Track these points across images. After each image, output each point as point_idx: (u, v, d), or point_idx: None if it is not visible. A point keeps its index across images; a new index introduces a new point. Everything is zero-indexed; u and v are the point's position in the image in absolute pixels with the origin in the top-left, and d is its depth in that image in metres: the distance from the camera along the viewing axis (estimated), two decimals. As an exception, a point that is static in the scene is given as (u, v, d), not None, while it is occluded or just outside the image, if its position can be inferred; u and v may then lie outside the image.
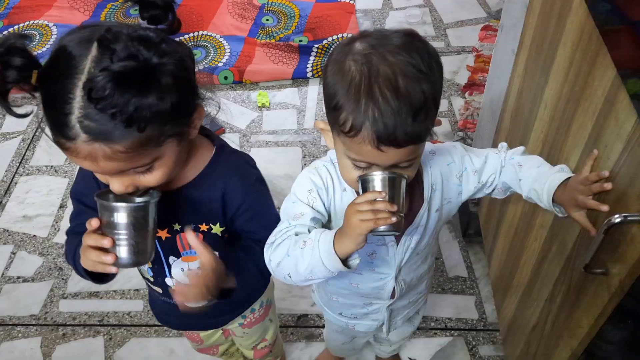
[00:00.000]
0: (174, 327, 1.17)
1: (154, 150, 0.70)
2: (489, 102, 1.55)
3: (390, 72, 0.68)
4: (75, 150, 0.66)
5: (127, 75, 0.62)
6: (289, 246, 0.80)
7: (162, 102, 0.66)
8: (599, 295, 0.83)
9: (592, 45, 0.86)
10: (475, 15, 2.58)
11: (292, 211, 0.84)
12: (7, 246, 1.85)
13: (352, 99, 0.68)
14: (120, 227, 0.74)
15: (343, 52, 0.72)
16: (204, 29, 2.54)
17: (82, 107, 0.63)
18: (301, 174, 0.87)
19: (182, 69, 0.69)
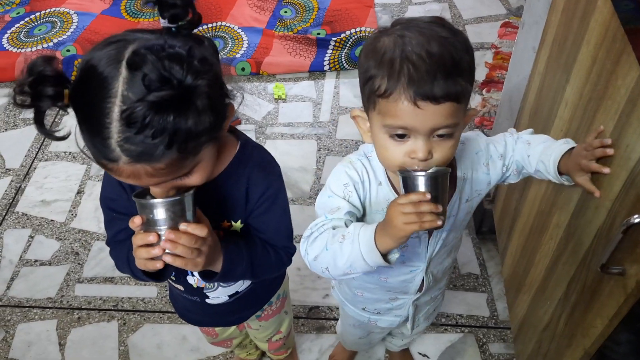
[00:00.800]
0: (196, 323, 1.17)
1: (193, 160, 0.71)
2: (507, 99, 1.54)
3: (423, 38, 0.71)
4: (118, 171, 0.67)
5: (164, 102, 0.63)
6: (327, 240, 0.79)
7: (200, 123, 0.66)
8: (614, 296, 0.83)
9: (616, 44, 0.85)
10: (495, 11, 2.55)
11: (328, 205, 0.84)
12: (26, 230, 1.88)
13: (386, 63, 0.70)
14: (160, 222, 0.75)
15: (375, 37, 0.75)
16: (223, 20, 2.55)
17: (120, 131, 0.63)
18: (336, 169, 0.87)
19: (214, 82, 0.69)
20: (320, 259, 0.80)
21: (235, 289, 1.00)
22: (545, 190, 1.16)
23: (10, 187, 2.01)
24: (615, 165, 0.83)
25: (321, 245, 0.80)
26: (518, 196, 1.37)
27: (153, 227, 0.75)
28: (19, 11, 2.65)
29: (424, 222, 0.71)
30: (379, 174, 0.86)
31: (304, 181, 1.97)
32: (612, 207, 0.85)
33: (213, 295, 1.00)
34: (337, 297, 1.16)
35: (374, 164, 0.87)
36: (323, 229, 0.81)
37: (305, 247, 0.83)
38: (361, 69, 0.76)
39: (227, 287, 0.99)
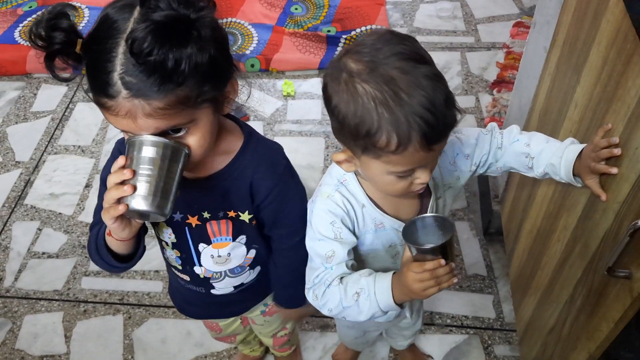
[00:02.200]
0: (196, 316, 1.18)
1: (191, 112, 0.70)
2: (517, 99, 1.53)
3: (404, 73, 0.69)
4: (116, 109, 0.67)
5: (167, 25, 0.63)
6: (340, 297, 0.83)
7: (201, 53, 0.66)
8: (621, 299, 0.82)
9: (627, 45, 0.84)
10: (507, 11, 2.53)
11: (321, 251, 0.85)
12: (34, 222, 1.90)
13: (387, 116, 0.69)
14: (145, 160, 0.70)
15: (343, 81, 0.72)
16: (233, 16, 2.55)
17: (123, 63, 0.65)
18: (316, 208, 0.85)
19: (218, 27, 0.71)
20: (340, 315, 0.85)
21: (241, 280, 1.01)
22: (553, 192, 1.15)
23: (20, 180, 2.03)
24: (624, 167, 0.82)
25: (335, 302, 0.83)
26: (526, 198, 1.35)
27: (137, 166, 0.70)
28: (31, 5, 2.67)
29: (441, 285, 0.77)
30: (360, 198, 0.86)
31: (311, 179, 1.96)
32: (619, 209, 0.84)
33: (219, 285, 1.00)
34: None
35: (351, 188, 0.86)
36: (327, 281, 0.84)
37: (316, 301, 0.86)
38: (346, 119, 0.72)
39: (234, 277, 1.00)
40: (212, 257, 0.94)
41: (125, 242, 0.81)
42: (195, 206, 0.87)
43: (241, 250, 0.95)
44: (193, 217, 0.88)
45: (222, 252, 0.93)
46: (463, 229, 1.79)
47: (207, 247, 0.92)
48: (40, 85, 2.36)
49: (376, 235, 0.88)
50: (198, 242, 0.92)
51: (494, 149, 0.92)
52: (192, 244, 0.92)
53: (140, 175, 0.71)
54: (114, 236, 0.80)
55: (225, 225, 0.90)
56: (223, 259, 0.94)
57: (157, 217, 0.75)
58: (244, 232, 0.92)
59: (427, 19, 2.53)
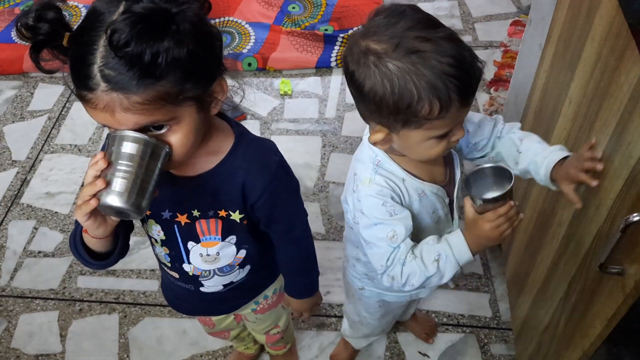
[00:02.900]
0: (187, 312, 1.18)
1: (172, 109, 0.69)
2: (513, 97, 1.52)
3: (426, 41, 0.73)
4: (95, 102, 0.66)
5: (146, 17, 0.63)
6: (420, 270, 0.87)
7: (179, 47, 0.65)
8: (613, 296, 0.82)
9: (620, 40, 0.83)
10: (505, 9, 2.53)
11: (382, 234, 0.88)
12: (30, 221, 1.90)
13: (424, 84, 0.73)
14: (123, 156, 0.69)
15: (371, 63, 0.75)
16: (230, 15, 2.55)
17: (104, 56, 0.64)
18: (364, 197, 0.88)
19: (203, 23, 0.70)
20: (419, 284, 0.89)
21: (231, 278, 1.00)
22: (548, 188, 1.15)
23: (16, 179, 2.03)
24: (616, 163, 0.82)
25: (416, 275, 0.88)
26: (522, 195, 1.35)
27: (115, 161, 0.69)
28: (28, 4, 2.67)
29: (514, 225, 0.84)
30: (398, 173, 0.89)
31: (308, 177, 1.96)
32: (612, 205, 0.83)
33: (208, 283, 1.00)
34: (371, 295, 1.17)
35: (387, 167, 0.90)
36: (402, 259, 0.88)
37: (393, 282, 0.90)
38: (383, 98, 0.75)
39: (223, 276, 0.99)
40: (201, 255, 0.93)
41: (102, 240, 0.80)
42: (185, 205, 0.87)
43: (230, 250, 0.94)
44: (182, 215, 0.88)
45: (211, 251, 0.93)
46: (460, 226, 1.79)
47: (196, 245, 0.92)
48: (37, 84, 2.36)
49: (421, 204, 0.92)
50: (187, 240, 0.92)
51: (494, 137, 0.96)
52: (181, 242, 0.92)
53: (117, 170, 0.69)
54: (89, 233, 0.79)
55: (214, 224, 0.89)
56: (212, 258, 0.94)
57: (132, 215, 0.73)
58: (234, 232, 0.91)
59: (425, 17, 2.52)
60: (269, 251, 1.01)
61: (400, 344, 1.55)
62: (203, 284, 0.99)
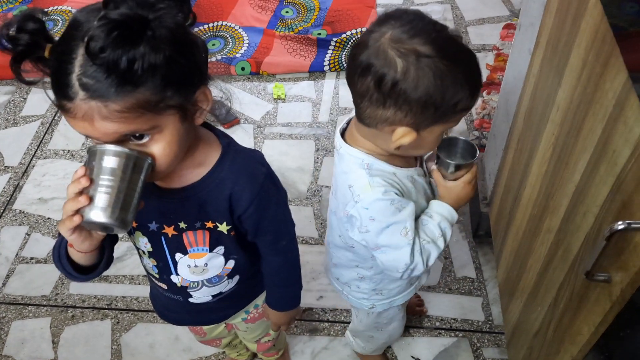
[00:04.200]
0: (176, 322, 1.17)
1: (153, 117, 0.69)
2: (504, 101, 1.52)
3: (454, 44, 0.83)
4: (74, 111, 0.66)
5: (122, 24, 0.63)
6: (436, 249, 0.96)
7: (155, 53, 0.65)
8: (600, 303, 0.82)
9: (605, 47, 0.83)
10: (497, 13, 2.54)
11: (396, 234, 0.91)
12: (22, 227, 1.89)
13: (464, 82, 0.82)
14: (105, 171, 0.68)
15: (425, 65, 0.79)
16: (224, 19, 2.55)
17: (82, 65, 0.64)
18: (370, 204, 0.90)
19: (182, 31, 0.69)
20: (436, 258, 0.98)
21: (219, 289, 1.00)
22: (537, 194, 1.15)
23: (9, 185, 2.02)
24: (602, 170, 0.82)
25: (434, 254, 0.96)
26: (512, 200, 1.35)
27: (97, 177, 0.68)
28: (21, 9, 2.67)
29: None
30: (387, 169, 0.92)
31: (301, 182, 1.96)
32: (599, 213, 0.83)
33: (197, 294, 0.99)
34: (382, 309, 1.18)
35: (377, 166, 0.92)
36: (418, 249, 0.93)
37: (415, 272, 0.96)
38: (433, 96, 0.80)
39: (212, 287, 0.99)
40: (189, 266, 0.93)
41: (87, 254, 0.79)
42: (172, 216, 0.86)
43: (219, 260, 0.94)
44: (169, 227, 0.87)
45: (199, 262, 0.92)
46: (452, 231, 1.78)
47: (184, 257, 0.92)
48: (30, 89, 2.36)
49: (415, 189, 0.97)
50: (174, 251, 0.91)
51: None
52: (168, 254, 0.91)
53: (99, 185, 0.69)
54: (75, 248, 0.78)
55: (202, 235, 0.89)
56: (200, 269, 0.94)
57: (117, 230, 0.73)
58: (221, 242, 0.91)
59: (418, 21, 2.52)
60: (258, 261, 1.01)
61: (393, 348, 1.55)
62: (192, 294, 0.99)
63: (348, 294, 1.18)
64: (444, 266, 1.71)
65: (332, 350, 1.56)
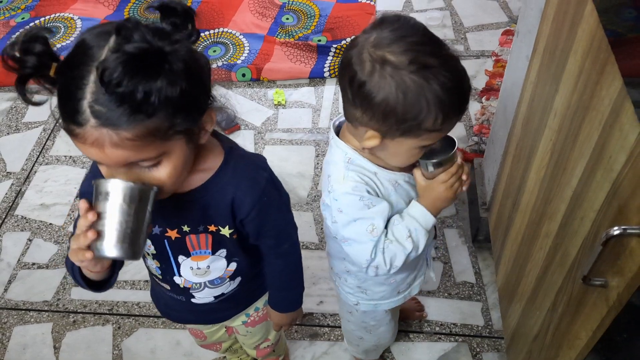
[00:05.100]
0: (177, 321, 1.19)
1: (162, 144, 0.70)
2: (502, 107, 1.54)
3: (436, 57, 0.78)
4: (84, 137, 0.66)
5: (139, 57, 0.63)
6: (401, 249, 0.93)
7: (171, 87, 0.65)
8: (598, 308, 0.82)
9: (601, 54, 0.85)
10: (496, 19, 2.55)
11: (361, 229, 0.91)
12: (24, 233, 1.90)
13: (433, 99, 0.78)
14: (112, 207, 0.70)
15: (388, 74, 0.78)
16: (225, 26, 2.57)
17: (93, 92, 0.64)
18: (340, 195, 0.90)
19: (194, 60, 0.70)
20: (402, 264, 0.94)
21: (222, 290, 1.01)
22: (535, 199, 1.16)
23: (11, 191, 2.03)
24: (598, 176, 0.83)
25: (399, 256, 0.93)
26: (511, 205, 1.36)
27: (104, 213, 0.70)
28: (24, 16, 2.69)
29: (463, 183, 0.93)
30: (369, 167, 0.92)
31: (301, 187, 1.97)
32: (595, 218, 0.84)
33: (199, 295, 1.01)
34: (367, 309, 1.18)
35: (358, 162, 0.92)
36: (382, 247, 0.92)
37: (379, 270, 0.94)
38: (395, 108, 0.78)
39: (214, 288, 1.00)
40: (192, 268, 0.94)
41: (99, 273, 0.80)
42: (175, 220, 0.87)
43: (221, 263, 0.95)
44: (172, 230, 0.88)
45: (202, 265, 0.94)
46: (452, 236, 1.80)
47: (187, 259, 0.93)
48: (32, 96, 2.36)
49: (397, 194, 0.95)
50: (177, 254, 0.92)
51: None
52: (171, 256, 0.93)
53: (108, 220, 0.70)
54: (86, 273, 0.80)
55: (204, 238, 0.90)
56: (202, 271, 0.95)
57: (128, 260, 0.74)
58: (223, 245, 0.92)
59: (417, 27, 2.54)
60: (260, 263, 1.02)
61: (393, 353, 1.56)
62: (194, 295, 1.01)
63: (338, 286, 1.19)
64: (444, 271, 1.72)
65: (332, 355, 1.56)
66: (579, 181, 0.92)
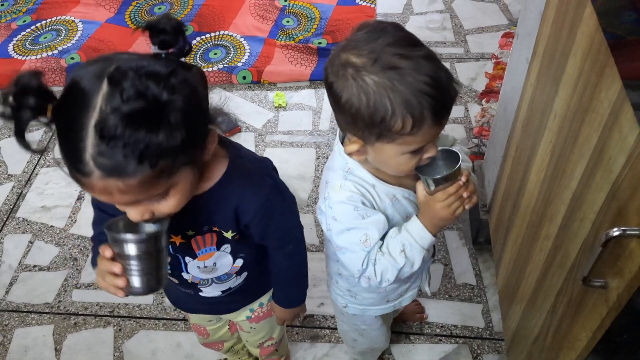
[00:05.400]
0: (188, 311, 1.23)
1: (168, 180, 0.71)
2: (502, 109, 1.54)
3: (404, 58, 0.75)
4: (91, 186, 0.67)
5: (137, 114, 0.63)
6: (391, 263, 0.90)
7: (171, 139, 0.65)
8: (598, 309, 0.83)
9: (600, 57, 0.85)
10: (496, 22, 2.56)
11: (355, 239, 0.90)
12: (26, 235, 1.90)
13: (399, 100, 0.74)
14: (131, 257, 0.76)
15: (349, 76, 0.76)
16: (225, 29, 2.57)
17: (95, 144, 0.63)
18: (335, 204, 0.90)
19: (192, 102, 0.69)
20: (394, 278, 0.92)
21: (228, 285, 1.03)
22: (535, 201, 1.16)
23: (12, 193, 2.04)
24: (598, 177, 0.83)
25: (389, 270, 0.91)
26: (511, 207, 1.36)
27: (123, 260, 0.76)
28: (25, 19, 2.70)
29: (465, 203, 0.87)
30: (368, 179, 0.91)
31: (302, 189, 1.97)
32: (595, 219, 0.85)
33: (206, 290, 1.03)
34: (355, 312, 1.18)
35: (357, 173, 0.91)
36: (373, 259, 0.90)
37: (370, 282, 0.93)
38: (359, 111, 0.76)
39: (220, 283, 1.02)
40: (199, 267, 0.96)
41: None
42: (178, 227, 0.88)
43: (227, 259, 0.96)
44: (176, 236, 0.89)
45: (208, 263, 0.95)
46: (452, 238, 1.80)
47: (193, 260, 0.94)
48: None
49: (394, 208, 0.93)
50: (184, 255, 0.94)
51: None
52: (179, 256, 0.94)
53: (130, 269, 0.77)
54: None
55: (209, 237, 0.91)
56: (209, 269, 0.96)
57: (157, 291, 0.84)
58: (227, 242, 0.94)
59: (417, 30, 2.55)
60: (266, 259, 1.04)
61: (394, 354, 1.56)
62: (202, 290, 1.03)
63: (330, 286, 1.20)
64: (444, 273, 1.72)
65: (333, 357, 1.56)
66: (578, 183, 0.92)
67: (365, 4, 2.67)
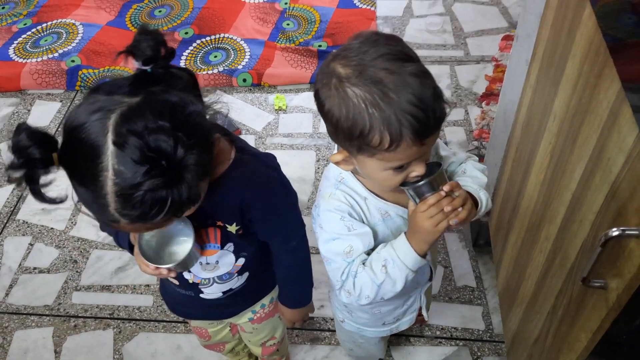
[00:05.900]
0: (185, 316, 1.22)
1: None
2: (502, 112, 1.54)
3: (391, 73, 0.71)
4: (121, 227, 0.73)
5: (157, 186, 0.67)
6: (371, 278, 0.86)
7: (190, 191, 0.71)
8: (597, 310, 0.83)
9: (599, 58, 0.85)
10: (496, 25, 2.56)
11: (338, 249, 0.88)
12: (26, 237, 1.91)
13: (378, 116, 0.71)
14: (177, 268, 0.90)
15: (333, 86, 0.74)
16: (226, 31, 2.58)
17: (116, 200, 0.68)
18: (322, 212, 0.89)
19: (203, 149, 0.72)
20: (374, 295, 0.88)
21: (230, 286, 1.03)
22: (535, 203, 1.16)
23: (12, 195, 2.04)
24: (597, 178, 0.83)
25: (368, 285, 0.87)
26: (511, 209, 1.36)
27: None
28: (26, 22, 2.70)
29: (449, 217, 0.80)
30: (360, 191, 0.89)
31: (302, 192, 1.97)
32: (594, 220, 0.85)
33: (208, 290, 1.02)
34: (350, 329, 1.18)
35: (350, 184, 0.89)
36: (354, 272, 0.87)
37: (350, 297, 0.90)
38: (339, 122, 0.74)
39: (222, 283, 1.02)
40: (201, 264, 0.96)
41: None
42: None
43: (229, 258, 0.97)
44: None
45: (211, 260, 0.95)
46: (452, 240, 1.80)
47: None
48: (34, 101, 2.38)
49: (385, 225, 0.91)
50: None
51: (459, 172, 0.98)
52: None
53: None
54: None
55: (213, 232, 0.92)
56: (211, 267, 0.97)
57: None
58: (231, 239, 0.94)
59: (417, 33, 2.56)
60: (268, 259, 1.04)
61: (394, 357, 1.56)
62: (203, 291, 1.02)
63: (331, 297, 1.20)
64: (444, 275, 1.72)
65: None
66: (578, 184, 0.92)
67: (365, 7, 2.67)
